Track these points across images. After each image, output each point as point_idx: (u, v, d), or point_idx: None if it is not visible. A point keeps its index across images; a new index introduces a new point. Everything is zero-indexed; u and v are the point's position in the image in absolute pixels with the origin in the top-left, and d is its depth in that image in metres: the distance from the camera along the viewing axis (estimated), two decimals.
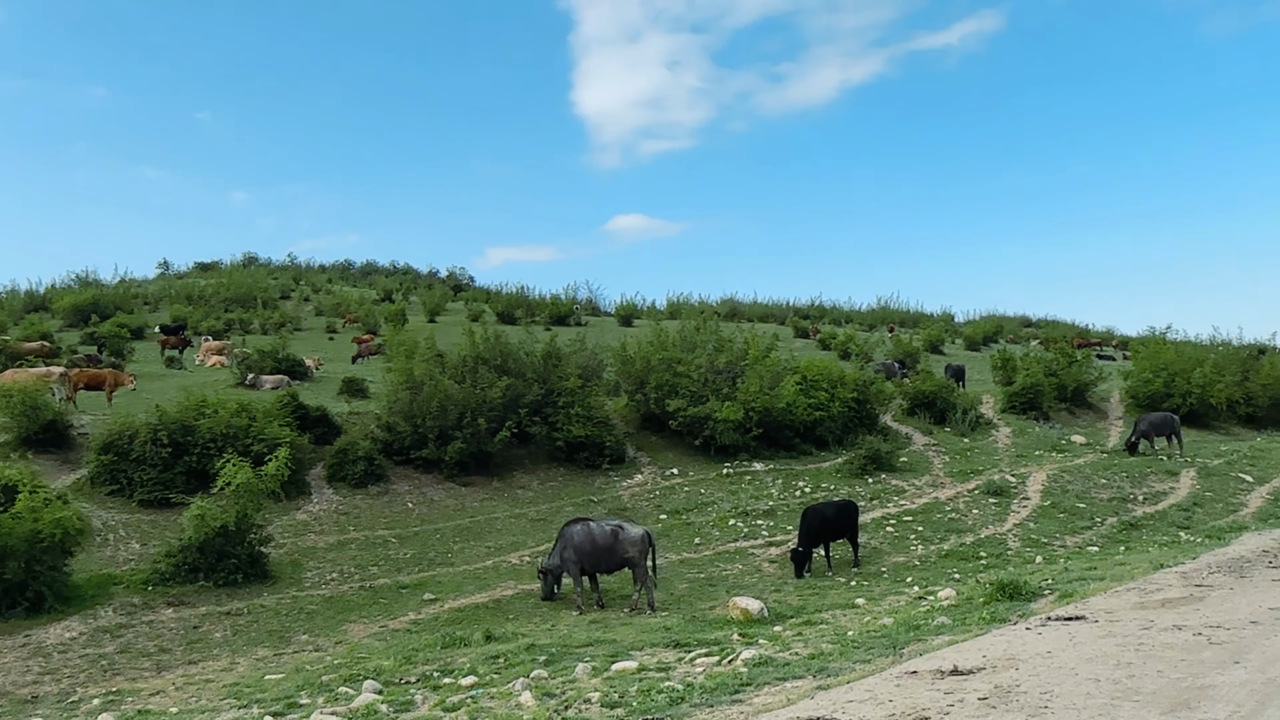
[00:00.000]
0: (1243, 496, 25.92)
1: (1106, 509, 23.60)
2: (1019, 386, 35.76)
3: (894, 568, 18.89)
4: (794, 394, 26.98)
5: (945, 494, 24.15)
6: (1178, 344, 41.24)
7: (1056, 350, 40.35)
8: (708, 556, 19.58)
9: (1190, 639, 7.75)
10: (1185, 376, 37.59)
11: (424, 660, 12.26)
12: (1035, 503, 23.66)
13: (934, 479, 25.62)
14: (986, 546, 20.32)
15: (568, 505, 22.71)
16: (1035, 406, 35.42)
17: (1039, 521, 22.31)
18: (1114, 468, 26.93)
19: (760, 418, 26.82)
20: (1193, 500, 24.83)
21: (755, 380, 26.97)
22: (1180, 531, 21.86)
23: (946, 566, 18.79)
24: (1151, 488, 25.78)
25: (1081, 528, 22.02)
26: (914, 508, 23.01)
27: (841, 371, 31.37)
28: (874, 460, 25.90)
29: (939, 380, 33.51)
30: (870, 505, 23.16)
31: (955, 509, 23.03)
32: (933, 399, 32.91)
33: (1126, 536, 21.46)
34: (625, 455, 26.31)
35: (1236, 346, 42.24)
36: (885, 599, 15.72)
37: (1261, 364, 41.12)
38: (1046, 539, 21.05)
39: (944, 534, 21.29)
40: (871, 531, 21.24)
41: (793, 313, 79.95)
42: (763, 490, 24.04)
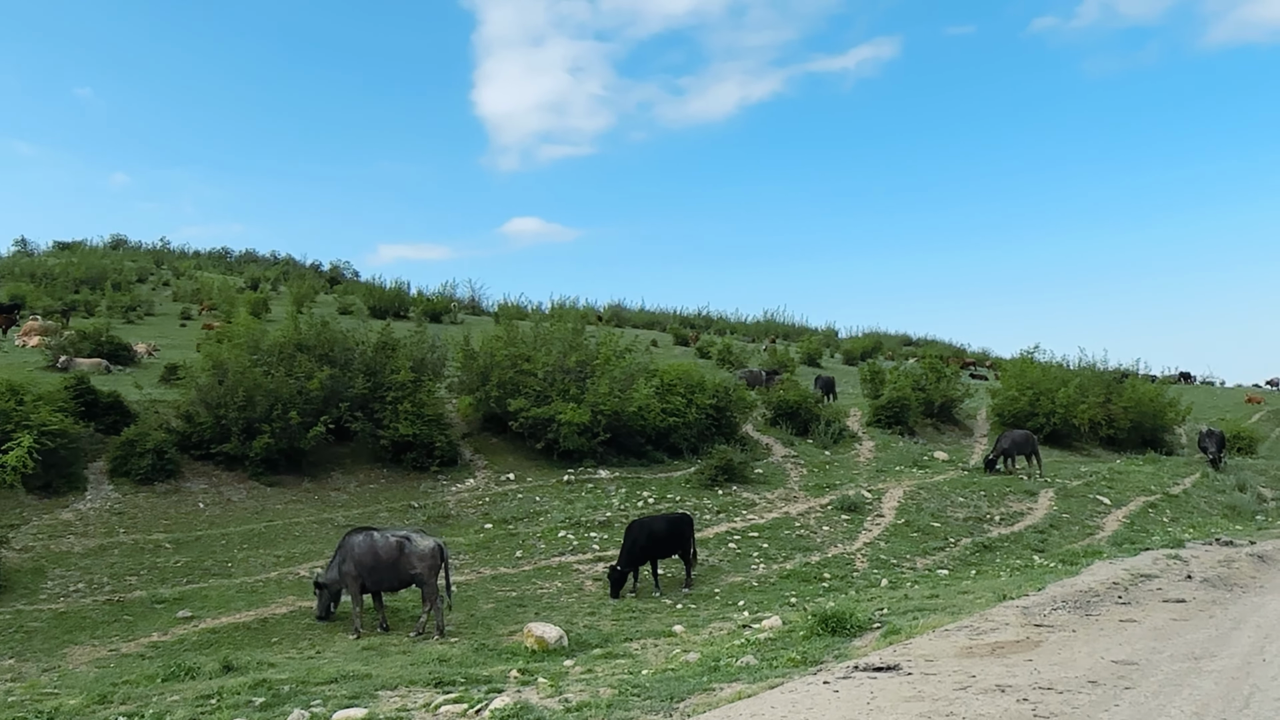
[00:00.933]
0: (1099, 519, 25.17)
1: (961, 529, 22.44)
2: (885, 400, 34.80)
3: (729, 589, 17.18)
4: (647, 397, 25.18)
5: (797, 509, 22.66)
6: (1044, 365, 41.00)
7: (925, 365, 39.64)
8: (526, 572, 17.55)
9: (1012, 708, 6.07)
10: (1050, 396, 37.28)
11: (123, 698, 9.91)
12: (889, 521, 22.35)
13: (788, 492, 24.14)
14: (832, 567, 18.80)
15: (384, 510, 20.42)
16: (901, 421, 34.51)
17: (891, 541, 20.96)
18: (972, 486, 25.92)
19: (609, 422, 24.95)
20: (1049, 522, 23.92)
21: (606, 382, 25.08)
22: (1034, 554, 20.78)
23: (785, 588, 17.18)
24: (1009, 508, 24.81)
25: (934, 548, 20.74)
26: (762, 523, 21.42)
27: (702, 377, 29.77)
28: (726, 471, 24.29)
29: (802, 391, 32.23)
30: (716, 519, 21.50)
31: (805, 525, 21.53)
32: (796, 410, 31.60)
33: (979, 559, 20.27)
34: (459, 458, 24.11)
35: (1100, 370, 42.27)
36: (708, 625, 13.96)
37: (1124, 387, 41.24)
38: (896, 560, 19.68)
39: (790, 552, 19.73)
40: (713, 548, 19.54)
41: (678, 321, 78.76)
42: (603, 500, 22.13)
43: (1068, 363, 43.33)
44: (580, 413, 24.31)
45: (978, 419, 39.57)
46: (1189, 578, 12.49)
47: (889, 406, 34.48)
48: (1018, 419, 37.54)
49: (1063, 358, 42.98)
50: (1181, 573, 12.86)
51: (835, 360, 64.87)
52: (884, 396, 35.02)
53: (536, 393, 25.03)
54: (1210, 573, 12.93)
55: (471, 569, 17.45)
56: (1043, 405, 37.07)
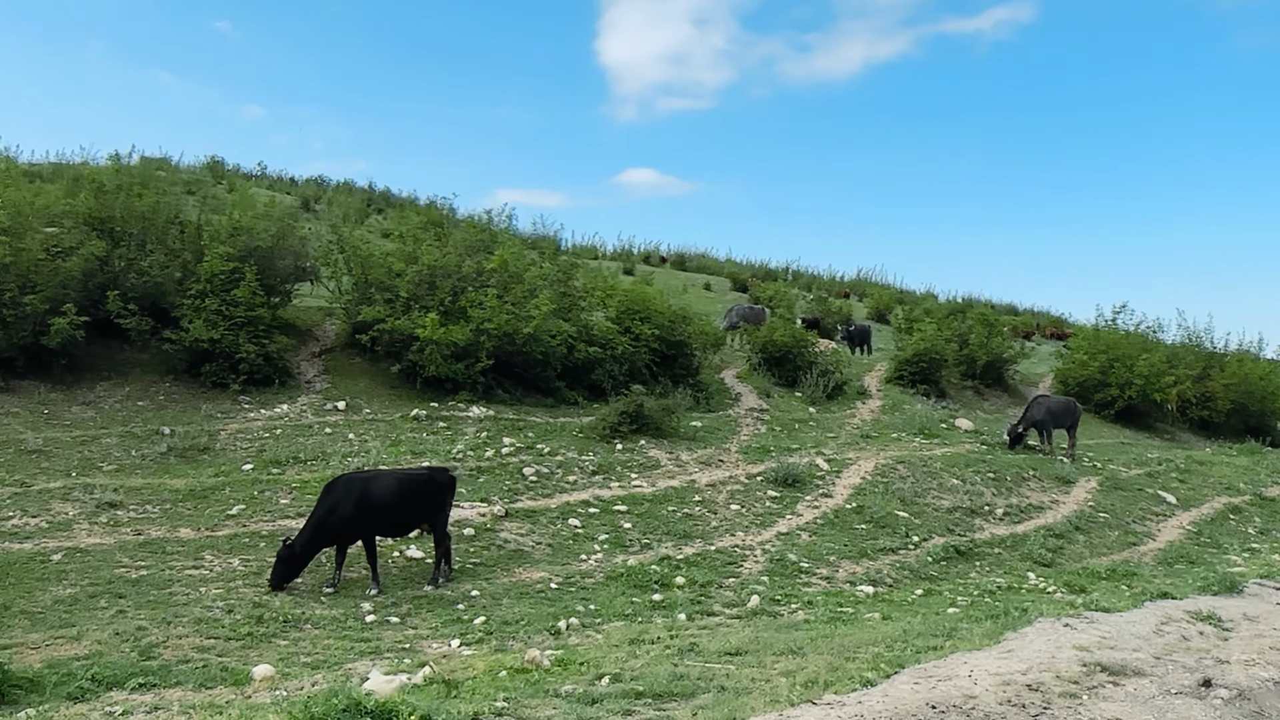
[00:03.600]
0: (1154, 524, 18.21)
1: (940, 523, 15.86)
2: (910, 353, 27.93)
3: (499, 593, 11.13)
4: (545, 318, 19.10)
5: (713, 477, 16.37)
6: (1127, 333, 33.16)
7: (975, 317, 32.38)
8: (207, 540, 11.77)
9: None
10: (1127, 364, 29.77)
11: None
12: (836, 503, 15.90)
13: (717, 454, 17.84)
14: (703, 568, 12.59)
15: (113, 435, 14.91)
16: (930, 380, 27.66)
17: (821, 533, 14.56)
18: (982, 465, 19.14)
19: (498, 347, 18.98)
20: (1077, 522, 17.13)
21: (493, 295, 19.08)
22: (1032, 572, 14.19)
23: (597, 597, 11.07)
24: (1024, 498, 18.02)
25: (882, 549, 14.28)
26: (647, 493, 15.25)
27: (669, 307, 23.49)
28: (635, 420, 18.10)
29: (794, 332, 25.57)
30: (585, 482, 15.40)
31: (708, 501, 15.27)
32: (784, 354, 25.08)
33: (942, 571, 13.78)
34: (292, 377, 18.48)
35: (1198, 345, 34.14)
36: (314, 674, 7.98)
37: (1228, 361, 33.27)
38: (811, 563, 13.32)
39: (659, 538, 13.58)
40: (546, 523, 13.49)
41: (764, 273, 72.66)
42: (443, 445, 16.22)
43: (1160, 329, 35.27)
44: (457, 332, 18.42)
45: (1040, 386, 32.24)
46: (1206, 685, 5.89)
47: (915, 361, 27.64)
48: (1085, 390, 30.29)
49: (1155, 320, 34.97)
50: (1195, 668, 6.26)
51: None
52: (908, 348, 28.12)
53: (406, 301, 19.21)
54: (1261, 678, 6.29)
55: (134, 526, 11.77)
56: (1117, 374, 29.67)
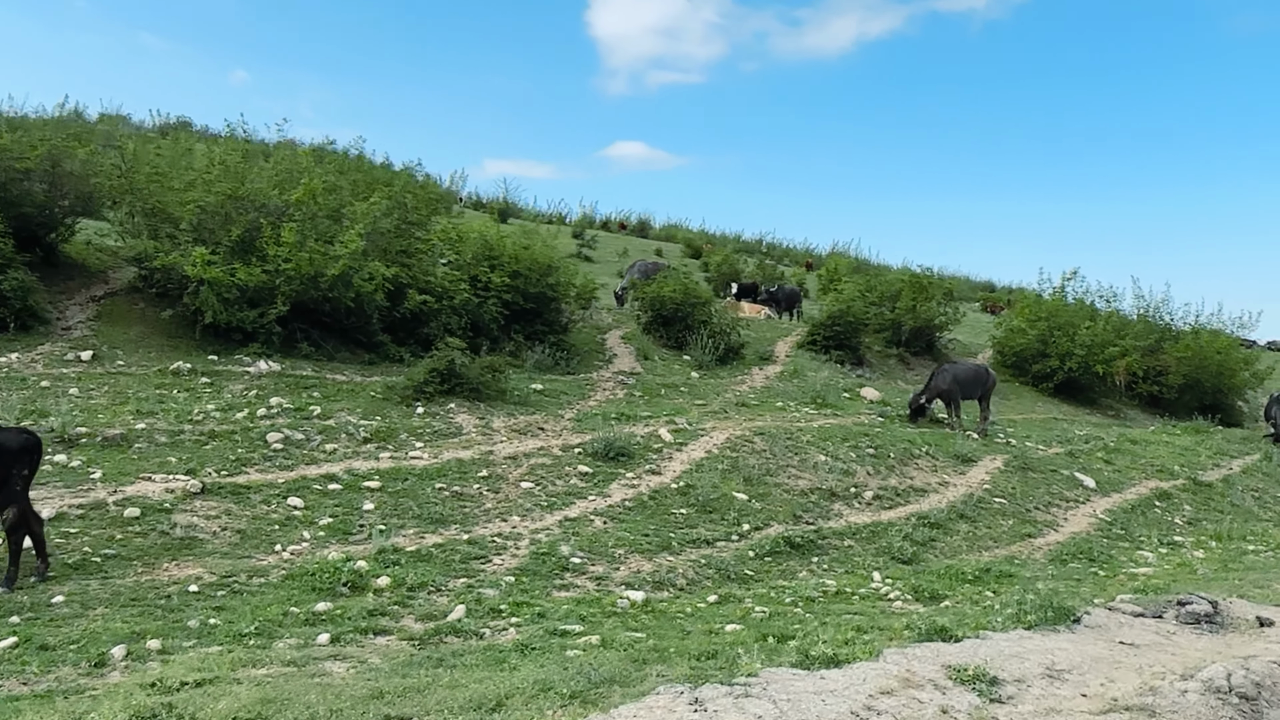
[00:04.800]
0: (1059, 511, 15.44)
1: (785, 507, 13.02)
2: (825, 315, 25.07)
3: (90, 600, 8.21)
4: (354, 258, 16.11)
5: (519, 448, 13.47)
6: (1071, 301, 30.29)
7: (907, 279, 29.48)
8: None
9: None
10: (1069, 332, 26.99)
11: None
12: (661, 482, 13.04)
13: (542, 421, 14.94)
14: (435, 562, 9.74)
15: None
16: (847, 346, 24.85)
17: (624, 518, 11.70)
18: (865, 439, 16.29)
19: (301, 291, 16.01)
20: (964, 509, 14.32)
21: (293, 230, 16.08)
22: (881, 571, 11.40)
23: (203, 610, 8.16)
24: (908, 479, 15.19)
25: (694, 540, 11.46)
26: (424, 465, 12.35)
27: (551, 257, 20.52)
28: (447, 379, 15.16)
29: (684, 287, 22.62)
30: (358, 451, 12.48)
31: (496, 477, 12.38)
32: (674, 314, 22.18)
33: (763, 569, 10.99)
34: (36, 321, 15.46)
35: (1149, 316, 31.28)
36: None
37: (1183, 335, 30.52)
38: (591, 556, 10.46)
39: (405, 522, 10.74)
40: (258, 503, 10.58)
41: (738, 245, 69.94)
42: (189, 404, 13.25)
43: (1115, 298, 32.36)
44: (243, 272, 15.46)
45: (979, 358, 29.40)
46: None
47: (830, 324, 24.82)
48: (1023, 360, 27.57)
49: (1108, 289, 32.08)
50: None
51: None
52: (823, 310, 25.25)
53: (192, 235, 16.20)
54: None
55: None
56: (1057, 344, 26.90)
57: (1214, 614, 6.85)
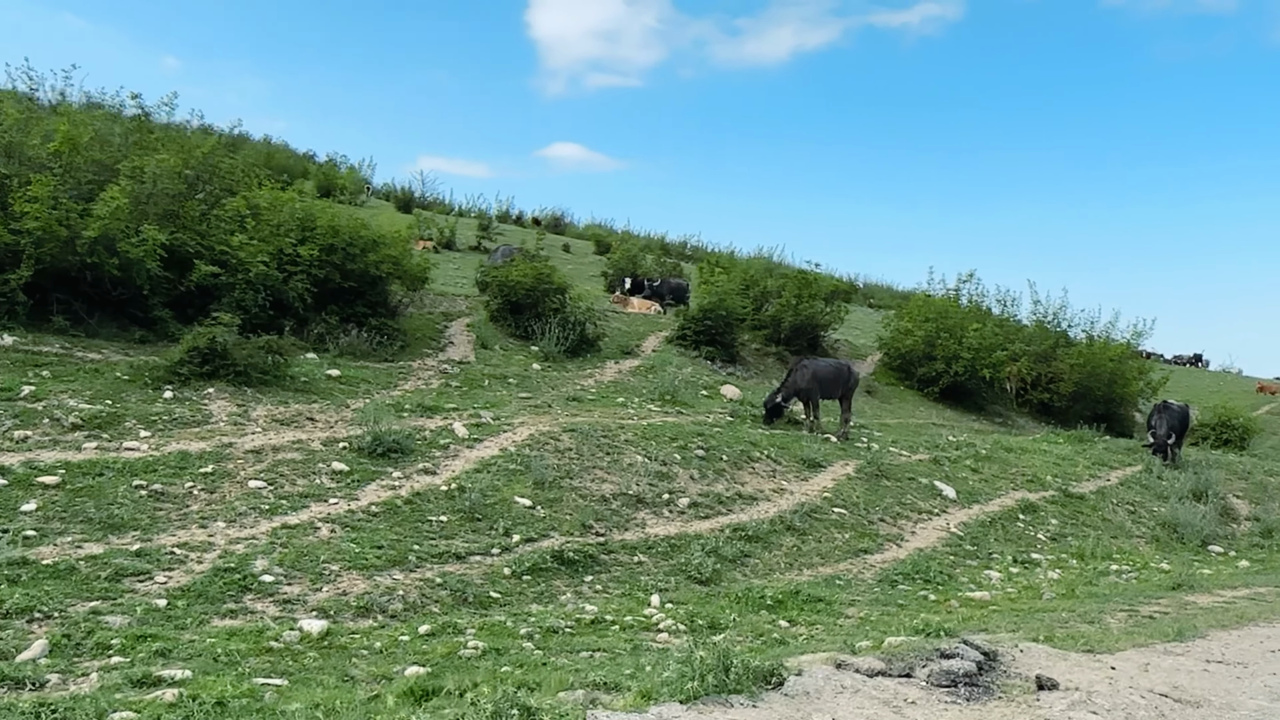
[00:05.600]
0: (908, 524, 13.84)
1: (576, 515, 11.18)
2: (696, 310, 23.35)
3: None
4: (113, 217, 13.91)
5: (270, 441, 11.42)
6: (962, 303, 29.07)
7: (791, 275, 27.97)
8: None
9: None
10: (955, 335, 25.65)
11: None
12: (432, 483, 11.11)
13: (319, 411, 12.91)
14: (71, 581, 7.66)
15: None
16: (720, 342, 23.18)
17: (363, 526, 9.75)
18: (699, 439, 14.54)
19: (54, 256, 13.75)
20: (794, 520, 12.62)
21: (46, 185, 13.81)
22: (663, 595, 9.61)
23: None
24: (738, 485, 13.45)
25: (442, 554, 9.56)
26: (136, 458, 10.23)
27: (377, 233, 18.42)
28: (211, 361, 13.03)
29: (534, 271, 20.69)
30: (58, 440, 10.34)
31: (223, 474, 10.31)
32: (525, 301, 20.26)
33: (519, 589, 9.15)
34: None
35: (1044, 321, 30.21)
36: None
37: (1077, 342, 29.50)
38: (293, 573, 8.48)
39: (68, 526, 8.67)
40: None
41: (659, 246, 68.57)
42: None
43: (1013, 303, 31.26)
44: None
45: (869, 360, 28.02)
46: None
47: (701, 319, 23.08)
48: (909, 363, 26.19)
49: (1005, 293, 30.96)
50: None
51: None
52: (694, 305, 23.53)
53: None
54: None
55: None
56: (944, 346, 25.53)
57: (981, 672, 5.13)
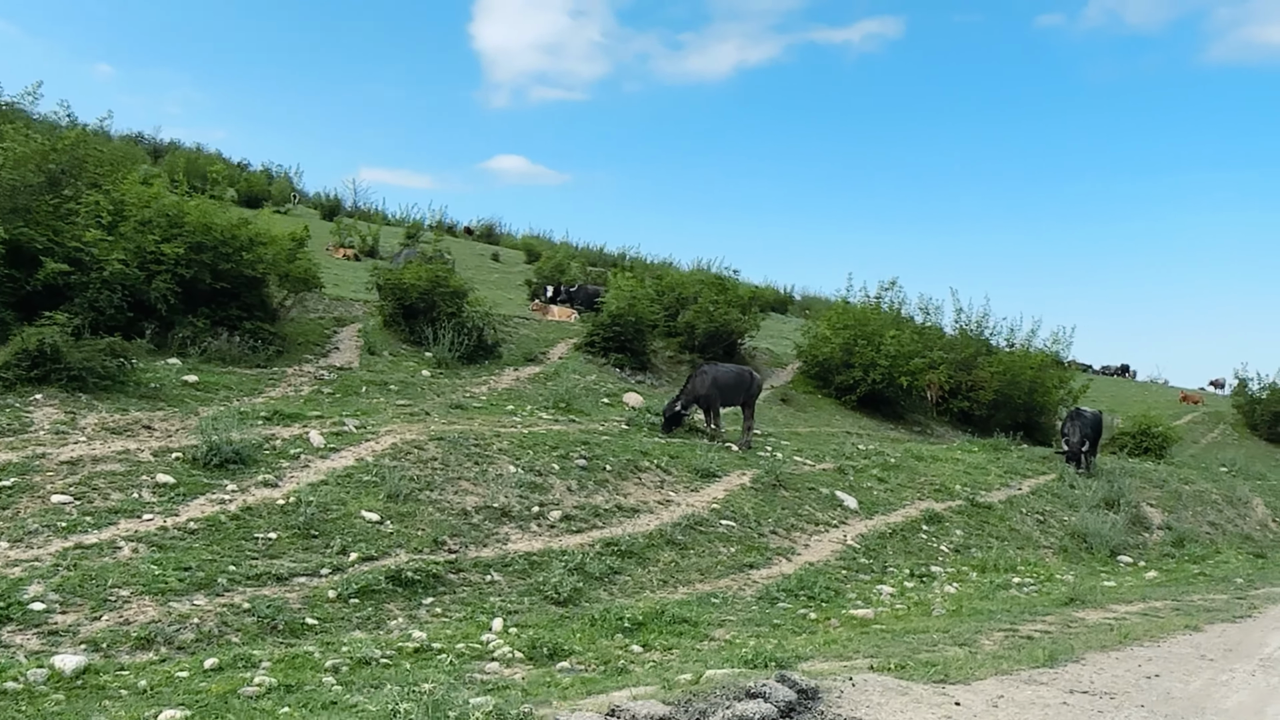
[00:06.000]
0: (803, 536, 13.13)
1: (429, 531, 10.27)
2: (605, 315, 22.52)
3: None
4: None
5: (91, 451, 10.35)
6: (884, 310, 28.60)
7: (707, 279, 27.32)
8: None
9: None
10: (874, 342, 25.13)
11: None
12: (269, 496, 10.10)
13: (159, 419, 11.84)
14: None
15: None
16: (630, 349, 22.38)
17: (175, 545, 8.75)
18: (583, 448, 13.67)
19: None
20: (676, 534, 11.84)
21: None
22: (506, 618, 8.72)
23: None
24: (621, 496, 12.62)
25: (261, 575, 8.60)
26: None
27: (255, 230, 17.29)
28: (42, 364, 11.93)
29: (431, 274, 19.72)
30: None
31: (24, 488, 9.25)
32: (418, 305, 19.28)
33: (342, 615, 8.24)
34: None
35: (966, 329, 29.91)
36: None
37: (999, 350, 29.20)
38: (84, 600, 7.53)
39: None
40: None
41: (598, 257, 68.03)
42: None
43: (936, 311, 30.93)
44: None
45: (787, 370, 27.43)
46: None
47: (609, 325, 22.26)
48: (827, 370, 25.61)
49: (928, 301, 30.63)
50: None
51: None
52: (605, 310, 22.70)
53: None
54: None
55: None
56: (862, 354, 24.99)
57: (785, 716, 4.31)
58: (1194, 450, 36.38)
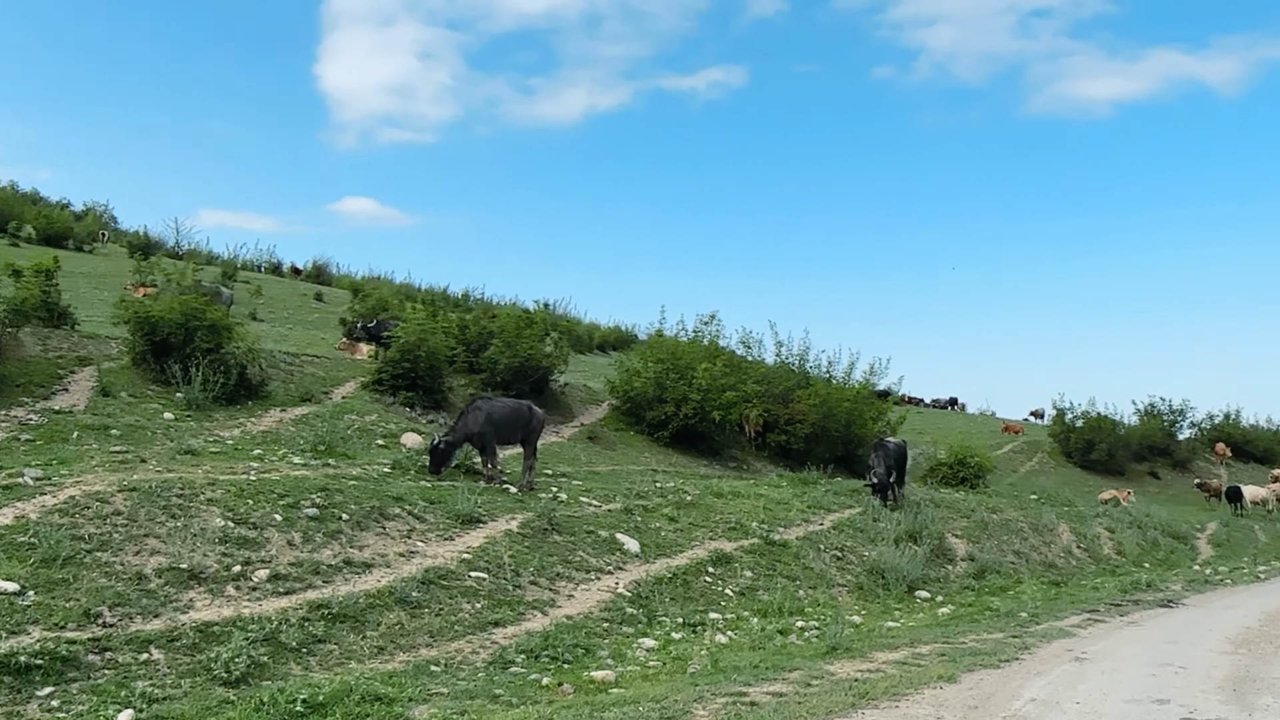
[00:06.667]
0: (567, 585, 11.91)
1: (88, 599, 8.54)
2: (395, 351, 20.94)
3: None
4: None
5: None
6: (701, 342, 27.87)
7: (515, 316, 26.08)
8: None
9: None
10: (687, 376, 24.31)
11: None
12: None
13: None
14: None
15: None
16: (424, 387, 20.85)
17: None
18: (321, 495, 12.07)
19: None
20: (406, 592, 10.35)
21: None
22: (129, 712, 7.02)
23: None
24: (353, 548, 11.10)
25: None
26: None
27: None
28: None
29: (183, 305, 17.78)
30: None
31: None
32: (170, 340, 17.28)
33: None
34: None
35: (786, 363, 29.57)
36: None
37: (814, 383, 28.84)
38: None
39: None
40: None
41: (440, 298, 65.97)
42: None
43: (756, 345, 30.49)
44: None
45: (603, 406, 26.29)
46: None
47: (399, 362, 20.69)
48: (638, 405, 24.64)
49: (748, 334, 30.17)
50: None
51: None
52: (392, 347, 21.12)
53: None
54: None
55: None
56: (674, 388, 24.11)
57: None
58: (1012, 479, 37.14)
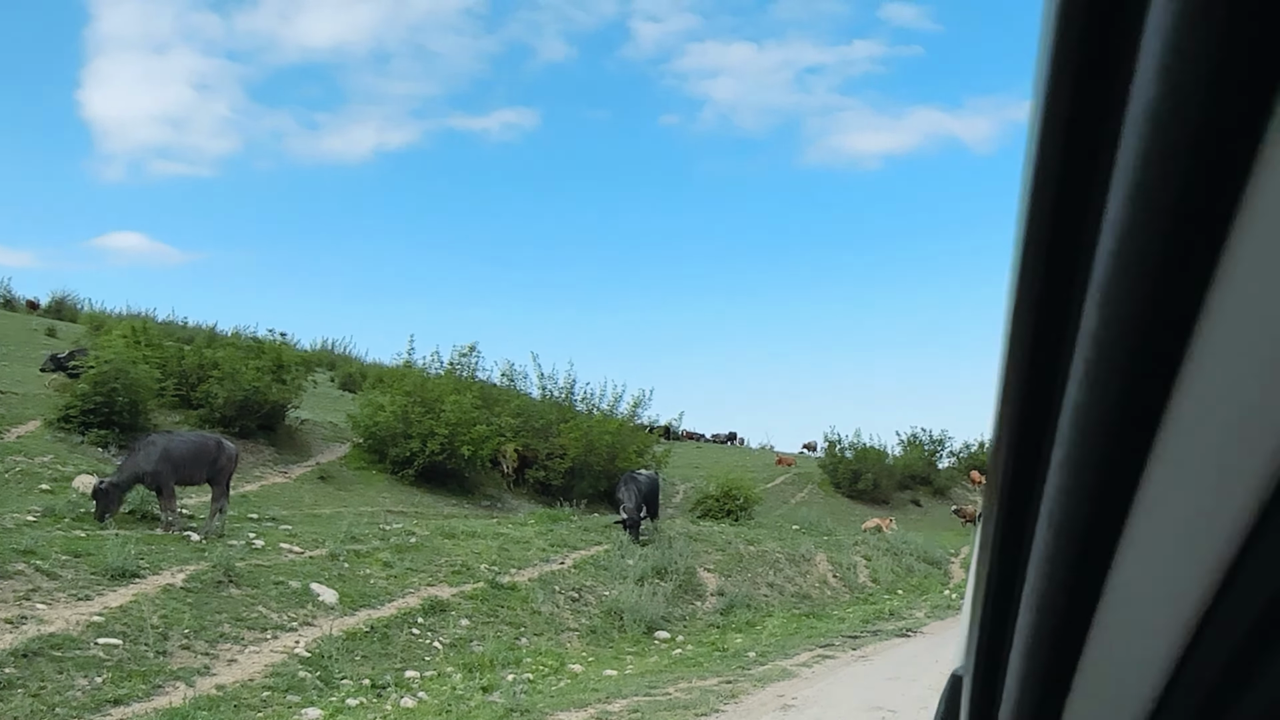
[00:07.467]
0: (233, 647, 10.03)
1: None
2: (84, 384, 18.32)
3: None
4: None
5: None
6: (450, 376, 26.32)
7: (243, 346, 23.78)
8: None
9: None
10: (435, 409, 22.69)
11: None
12: None
13: None
14: None
15: None
16: (117, 424, 18.28)
17: None
18: None
19: None
20: None
21: None
22: None
23: None
24: None
25: None
26: None
27: None
28: None
29: None
30: None
31: None
32: None
33: None
34: None
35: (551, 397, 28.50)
36: None
37: (576, 416, 27.81)
38: None
39: None
40: None
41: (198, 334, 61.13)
42: None
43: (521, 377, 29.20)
44: None
45: (346, 445, 24.22)
46: None
47: (91, 395, 18.12)
48: (381, 441, 22.81)
49: (512, 366, 28.87)
50: None
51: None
52: (84, 377, 18.51)
53: None
54: None
55: None
56: (420, 423, 22.42)
57: None
58: (783, 510, 37.28)
